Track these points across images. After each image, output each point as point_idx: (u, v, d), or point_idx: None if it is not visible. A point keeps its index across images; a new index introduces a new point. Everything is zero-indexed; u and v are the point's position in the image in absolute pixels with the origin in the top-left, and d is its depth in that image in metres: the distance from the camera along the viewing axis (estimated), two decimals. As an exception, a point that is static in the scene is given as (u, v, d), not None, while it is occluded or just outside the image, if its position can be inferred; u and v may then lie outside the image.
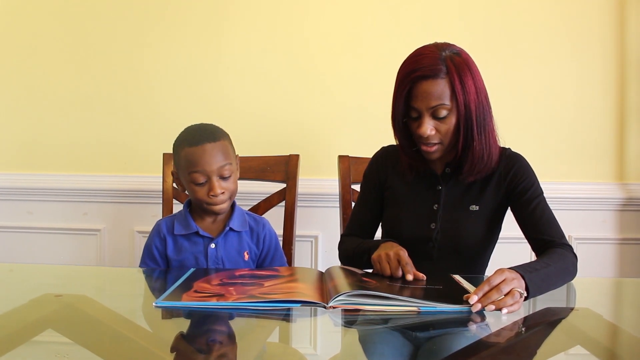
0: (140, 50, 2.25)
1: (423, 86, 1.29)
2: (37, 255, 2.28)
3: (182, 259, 1.45)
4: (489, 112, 1.35)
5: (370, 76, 2.18)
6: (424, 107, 1.31)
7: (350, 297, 1.05)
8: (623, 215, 2.22)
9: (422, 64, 1.29)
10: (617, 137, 2.22)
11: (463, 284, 1.20)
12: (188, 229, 1.46)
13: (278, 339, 0.96)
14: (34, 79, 2.28)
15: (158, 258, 1.48)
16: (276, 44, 2.23)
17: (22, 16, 2.28)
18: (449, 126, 1.32)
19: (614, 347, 0.97)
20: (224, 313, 1.02)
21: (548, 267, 1.19)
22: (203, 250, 1.46)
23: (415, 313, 1.03)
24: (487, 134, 1.34)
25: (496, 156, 1.39)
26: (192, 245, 1.46)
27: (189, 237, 1.47)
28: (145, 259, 1.49)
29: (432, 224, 1.43)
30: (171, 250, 1.46)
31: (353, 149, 1.88)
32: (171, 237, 1.47)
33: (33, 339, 0.92)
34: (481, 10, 2.20)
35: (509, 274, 1.08)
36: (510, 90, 2.20)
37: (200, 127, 1.46)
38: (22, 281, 1.35)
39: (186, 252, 1.46)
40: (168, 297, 1.07)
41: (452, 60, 1.30)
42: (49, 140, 2.29)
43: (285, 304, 1.04)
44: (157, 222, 1.52)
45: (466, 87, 1.29)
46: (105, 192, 2.25)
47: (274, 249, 1.54)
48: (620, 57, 2.20)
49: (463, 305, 1.04)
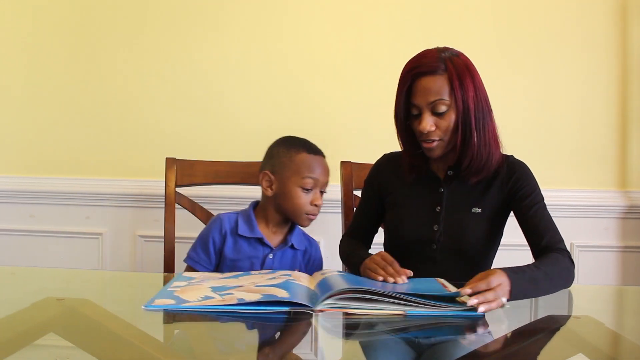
0: (142, 55, 2.26)
1: (422, 82, 1.34)
2: (39, 259, 2.28)
3: (238, 260, 1.46)
4: (488, 114, 1.37)
5: (373, 82, 2.19)
6: (423, 102, 1.34)
7: (338, 301, 1.07)
8: (625, 223, 2.22)
9: (422, 62, 1.35)
10: (619, 145, 2.22)
11: (448, 287, 1.21)
12: (252, 232, 1.47)
13: (280, 345, 0.96)
14: (37, 82, 2.29)
15: (212, 252, 1.48)
16: (278, 49, 2.23)
17: (25, 19, 2.29)
18: (448, 122, 1.34)
19: (616, 355, 0.96)
20: (225, 317, 1.02)
21: (537, 270, 1.20)
22: (261, 258, 1.47)
23: (402, 317, 1.04)
24: (486, 134, 1.36)
25: (497, 157, 1.40)
26: (251, 250, 1.47)
27: (250, 240, 1.48)
28: (198, 249, 1.49)
29: (434, 225, 1.44)
30: (230, 249, 1.47)
31: (355, 155, 1.88)
32: (232, 236, 1.48)
33: (35, 342, 0.92)
34: (483, 17, 2.21)
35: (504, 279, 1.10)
36: (512, 97, 2.20)
37: (307, 140, 1.52)
38: (24, 284, 1.35)
39: (244, 254, 1.47)
40: (157, 301, 1.08)
41: (452, 60, 1.34)
42: (51, 143, 2.30)
43: (273, 307, 1.04)
44: (218, 216, 1.52)
45: (465, 86, 1.32)
46: (107, 196, 2.26)
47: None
48: (622, 63, 2.20)
49: (449, 308, 1.05)
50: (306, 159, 1.46)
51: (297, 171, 1.45)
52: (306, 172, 1.44)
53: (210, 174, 1.85)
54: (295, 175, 1.45)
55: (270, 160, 1.51)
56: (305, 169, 1.45)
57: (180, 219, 1.83)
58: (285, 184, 1.46)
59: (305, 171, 1.44)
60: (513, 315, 1.13)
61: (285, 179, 1.46)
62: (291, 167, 1.46)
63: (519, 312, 1.15)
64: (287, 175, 1.46)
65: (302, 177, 1.44)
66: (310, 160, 1.46)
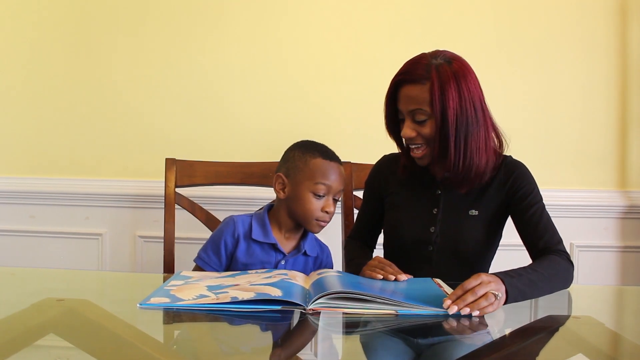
0: (143, 56, 2.26)
1: (405, 90, 1.35)
2: (38, 259, 2.28)
3: (250, 264, 1.45)
4: (477, 123, 1.34)
5: (373, 82, 2.18)
6: (405, 109, 1.36)
7: (330, 300, 1.07)
8: (625, 223, 2.22)
9: (408, 69, 1.35)
10: (619, 145, 2.22)
11: (444, 288, 1.21)
12: (266, 238, 1.45)
13: (278, 344, 0.96)
14: (38, 83, 2.29)
15: (223, 255, 1.46)
16: (278, 49, 2.23)
17: (25, 20, 2.29)
18: (429, 131, 1.34)
19: (616, 355, 0.96)
20: (225, 317, 1.02)
21: (534, 272, 1.20)
22: (273, 263, 1.45)
23: (394, 316, 1.04)
24: (468, 145, 1.34)
25: (483, 168, 1.37)
26: (264, 254, 1.46)
27: (262, 245, 1.46)
28: (209, 251, 1.47)
29: (431, 227, 1.44)
30: (242, 253, 1.45)
31: (355, 155, 1.88)
32: (246, 240, 1.46)
33: (35, 343, 0.92)
34: (479, 19, 2.21)
35: (485, 277, 1.09)
36: (510, 98, 2.20)
37: (325, 145, 1.50)
38: (24, 285, 1.35)
39: (256, 258, 1.45)
40: (153, 299, 1.08)
41: (439, 68, 1.32)
42: (51, 144, 2.30)
43: (266, 305, 1.05)
44: (231, 218, 1.49)
45: (446, 96, 1.30)
46: (107, 196, 2.26)
47: None
48: (622, 64, 2.20)
49: (440, 308, 1.06)
50: (321, 164, 1.44)
51: (311, 176, 1.43)
52: (319, 178, 1.42)
53: (210, 175, 1.85)
54: (308, 180, 1.43)
55: (286, 163, 1.49)
56: (319, 174, 1.42)
57: (180, 219, 1.84)
58: (297, 188, 1.44)
59: (318, 177, 1.42)
60: (513, 315, 1.13)
61: (298, 183, 1.44)
62: (305, 171, 1.44)
63: (519, 312, 1.15)
64: (300, 179, 1.44)
65: (314, 183, 1.42)
66: (325, 166, 1.44)
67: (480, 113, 1.35)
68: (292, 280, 1.20)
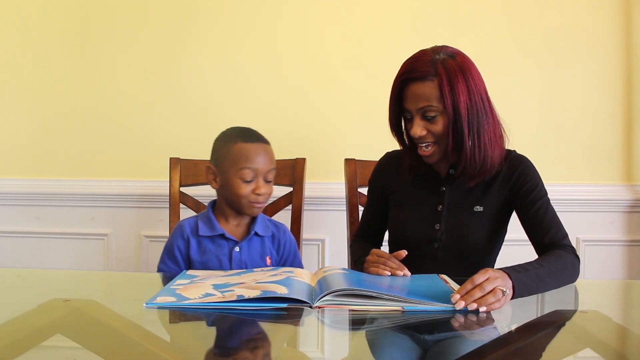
0: (145, 57, 2.26)
1: (412, 88, 1.33)
2: (45, 260, 2.29)
3: (206, 261, 1.45)
4: (486, 116, 1.34)
5: (377, 79, 2.18)
6: (413, 108, 1.34)
7: (336, 297, 1.07)
8: (631, 216, 2.21)
9: (413, 67, 1.33)
10: (624, 139, 2.21)
11: (450, 284, 1.21)
12: (213, 230, 1.46)
13: (285, 342, 0.96)
14: (42, 85, 2.30)
15: (180, 259, 1.47)
16: (282, 47, 2.23)
17: (27, 20, 2.29)
18: (440, 127, 1.33)
19: (623, 349, 0.96)
20: (231, 315, 1.02)
21: (540, 267, 1.19)
22: (227, 253, 1.45)
23: (400, 312, 1.04)
24: (481, 137, 1.34)
25: (496, 159, 1.38)
26: (217, 248, 1.46)
27: (213, 239, 1.46)
28: (166, 260, 1.48)
29: (436, 224, 1.43)
30: (195, 252, 1.46)
31: (359, 152, 1.88)
32: (195, 238, 1.46)
33: (42, 343, 0.92)
34: (488, 14, 2.20)
35: (492, 273, 1.09)
36: (517, 92, 2.19)
37: (249, 129, 1.49)
38: (31, 286, 1.35)
39: (210, 254, 1.45)
40: (159, 298, 1.08)
41: (444, 63, 1.31)
42: (56, 145, 2.30)
43: (272, 303, 1.05)
44: (178, 224, 1.51)
45: (455, 90, 1.30)
46: (112, 196, 2.26)
47: (292, 256, 1.54)
48: (627, 58, 2.19)
49: (447, 304, 1.05)
50: (242, 148, 1.42)
51: (235, 162, 1.41)
52: (243, 163, 1.41)
53: (214, 174, 1.84)
54: (233, 167, 1.42)
55: (214, 154, 1.49)
56: (242, 159, 1.41)
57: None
58: (226, 176, 1.43)
59: (242, 162, 1.41)
60: (520, 310, 1.12)
61: (225, 171, 1.43)
62: (229, 158, 1.43)
63: (526, 307, 1.14)
64: (226, 167, 1.43)
65: (239, 169, 1.41)
66: (247, 150, 1.42)
67: (487, 105, 1.35)
68: (298, 278, 1.20)
